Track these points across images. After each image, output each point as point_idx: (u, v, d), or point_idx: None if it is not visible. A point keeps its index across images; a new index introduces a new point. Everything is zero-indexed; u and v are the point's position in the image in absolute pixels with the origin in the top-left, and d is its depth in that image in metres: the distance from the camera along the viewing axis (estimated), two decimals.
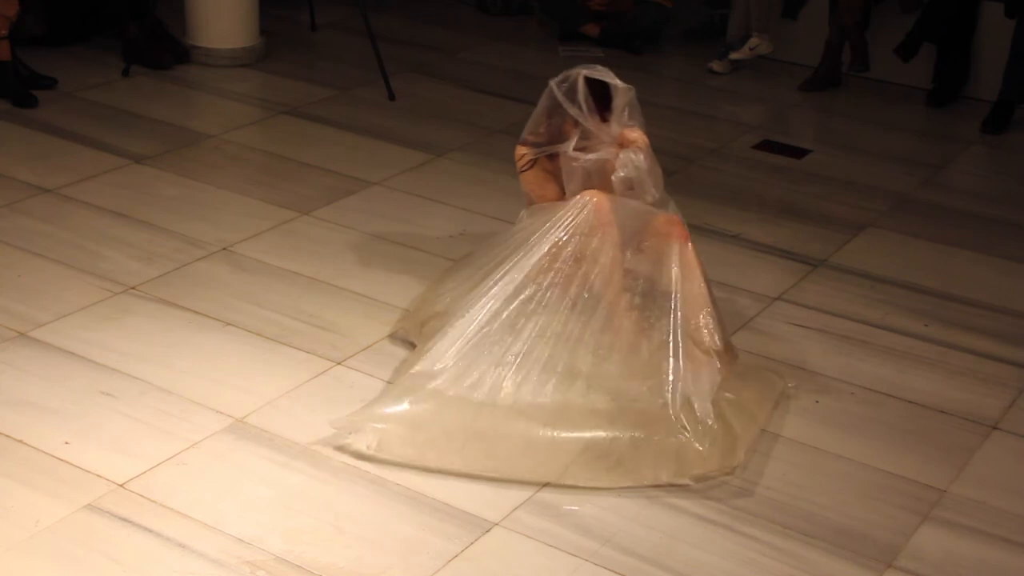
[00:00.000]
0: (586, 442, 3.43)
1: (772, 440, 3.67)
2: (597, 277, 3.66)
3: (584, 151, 3.72)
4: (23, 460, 3.39)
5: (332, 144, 5.61)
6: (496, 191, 5.14)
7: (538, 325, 3.60)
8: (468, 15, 7.61)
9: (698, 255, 3.76)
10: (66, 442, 3.47)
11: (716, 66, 6.80)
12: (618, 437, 3.44)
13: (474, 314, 3.65)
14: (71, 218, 4.75)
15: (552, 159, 3.81)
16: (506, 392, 3.49)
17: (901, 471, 3.58)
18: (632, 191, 3.71)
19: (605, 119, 3.69)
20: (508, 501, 3.35)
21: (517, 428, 3.45)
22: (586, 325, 3.62)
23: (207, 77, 6.33)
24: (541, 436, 3.44)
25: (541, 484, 3.41)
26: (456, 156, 5.57)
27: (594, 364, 3.58)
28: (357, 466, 3.44)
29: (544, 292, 3.66)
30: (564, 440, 3.44)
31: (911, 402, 3.92)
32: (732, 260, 4.72)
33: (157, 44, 6.35)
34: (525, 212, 3.93)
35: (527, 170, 3.88)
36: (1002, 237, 5.09)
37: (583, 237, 3.68)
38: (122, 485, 3.32)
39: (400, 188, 5.20)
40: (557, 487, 3.41)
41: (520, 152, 3.89)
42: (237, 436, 3.55)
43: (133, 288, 4.28)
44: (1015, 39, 6.07)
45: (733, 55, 6.77)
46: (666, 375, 3.53)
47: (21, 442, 3.46)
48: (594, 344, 3.60)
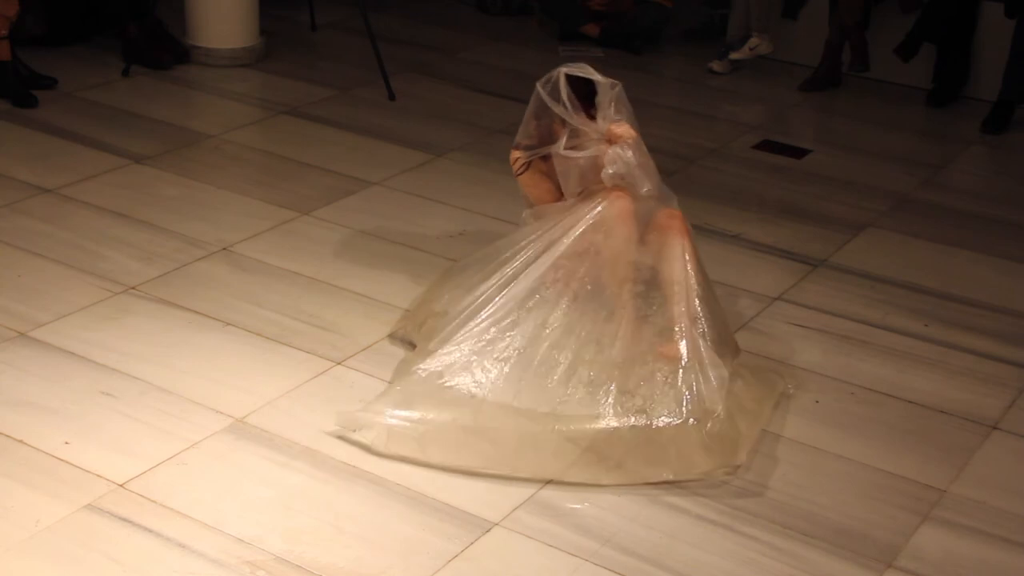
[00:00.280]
0: (590, 438, 3.44)
1: (772, 440, 3.67)
2: (600, 269, 3.67)
3: (575, 149, 3.73)
4: (23, 460, 3.39)
5: (332, 144, 5.61)
6: (496, 191, 5.14)
7: (540, 320, 3.61)
8: (468, 15, 7.61)
9: (695, 249, 3.76)
10: (66, 442, 3.47)
11: (716, 66, 6.80)
12: (619, 432, 3.44)
13: (479, 313, 3.66)
14: (71, 218, 4.75)
15: (546, 160, 3.82)
16: (509, 388, 3.50)
17: (901, 471, 3.58)
18: (623, 186, 3.73)
19: (591, 115, 3.71)
20: (508, 501, 3.35)
21: (520, 425, 3.45)
22: (588, 316, 3.62)
23: (207, 77, 6.33)
24: (544, 433, 3.44)
25: (542, 483, 3.41)
26: (456, 156, 5.57)
27: (596, 353, 3.59)
28: (357, 466, 3.44)
29: (549, 289, 3.67)
30: (567, 436, 3.44)
31: (911, 402, 3.92)
32: (732, 260, 4.72)
33: (157, 44, 6.35)
34: (528, 213, 3.94)
35: (522, 173, 3.90)
36: (1002, 237, 5.09)
37: (594, 235, 3.69)
38: (122, 485, 3.32)
39: (400, 188, 5.20)
40: (557, 487, 3.41)
41: (514, 156, 3.91)
42: (237, 436, 3.55)
43: (133, 288, 4.28)
44: (1015, 39, 6.07)
45: (733, 55, 6.77)
46: (669, 365, 3.54)
47: (21, 442, 3.46)
48: (597, 334, 3.60)
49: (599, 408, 3.49)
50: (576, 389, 3.53)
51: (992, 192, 5.61)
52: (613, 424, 3.45)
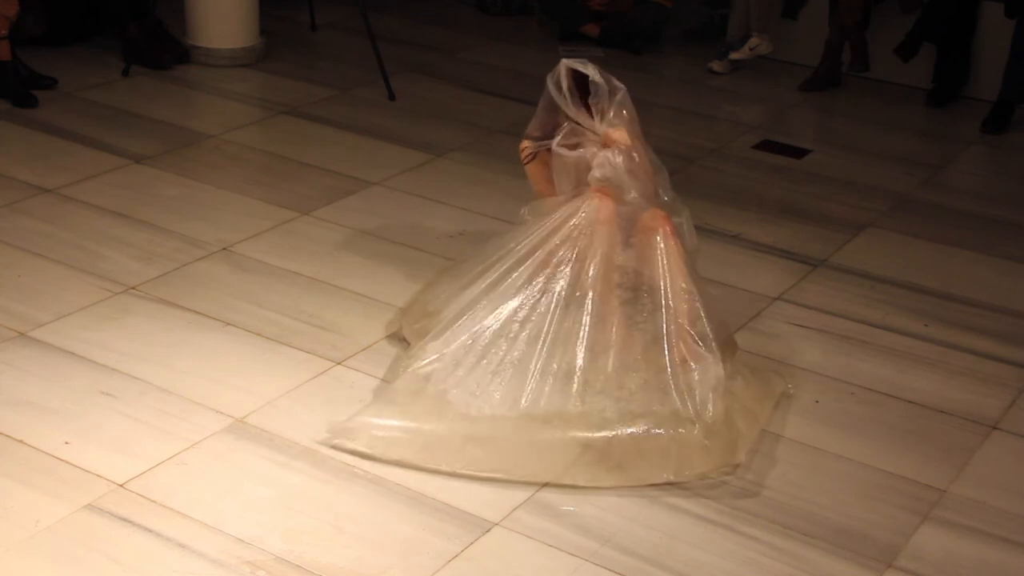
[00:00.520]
0: (586, 442, 3.44)
1: (772, 440, 3.67)
2: (588, 275, 3.67)
3: (574, 146, 3.74)
4: (23, 460, 3.39)
5: (332, 144, 5.61)
6: (496, 191, 5.14)
7: (532, 329, 3.61)
8: (468, 15, 7.61)
9: (681, 248, 3.75)
10: (66, 442, 3.47)
11: (716, 66, 6.80)
12: (618, 436, 3.44)
13: (468, 317, 3.66)
14: (71, 218, 4.75)
15: (549, 152, 3.84)
16: (504, 400, 3.50)
17: (901, 471, 3.58)
18: (608, 189, 3.73)
19: (588, 109, 3.71)
20: (508, 501, 3.35)
21: (516, 430, 3.45)
22: (579, 323, 3.62)
23: (207, 77, 6.33)
24: (541, 437, 3.44)
25: (541, 484, 3.41)
26: (456, 156, 5.57)
27: (589, 361, 3.58)
28: (357, 466, 3.44)
29: (537, 296, 3.66)
30: (564, 441, 3.44)
31: (911, 402, 3.92)
32: (732, 260, 4.72)
33: (157, 44, 6.35)
34: (527, 208, 3.94)
35: (528, 163, 3.92)
36: (1002, 237, 5.09)
37: (577, 238, 3.69)
38: (122, 485, 3.32)
39: (400, 188, 5.20)
40: (557, 487, 3.41)
41: (522, 146, 3.93)
42: (237, 436, 3.55)
43: (133, 288, 4.28)
44: (1015, 39, 6.07)
45: (733, 55, 6.77)
46: (662, 369, 3.54)
47: (21, 442, 3.46)
48: (589, 342, 3.60)
49: (595, 416, 3.48)
50: (572, 397, 3.52)
51: (992, 192, 5.61)
52: (609, 433, 3.44)
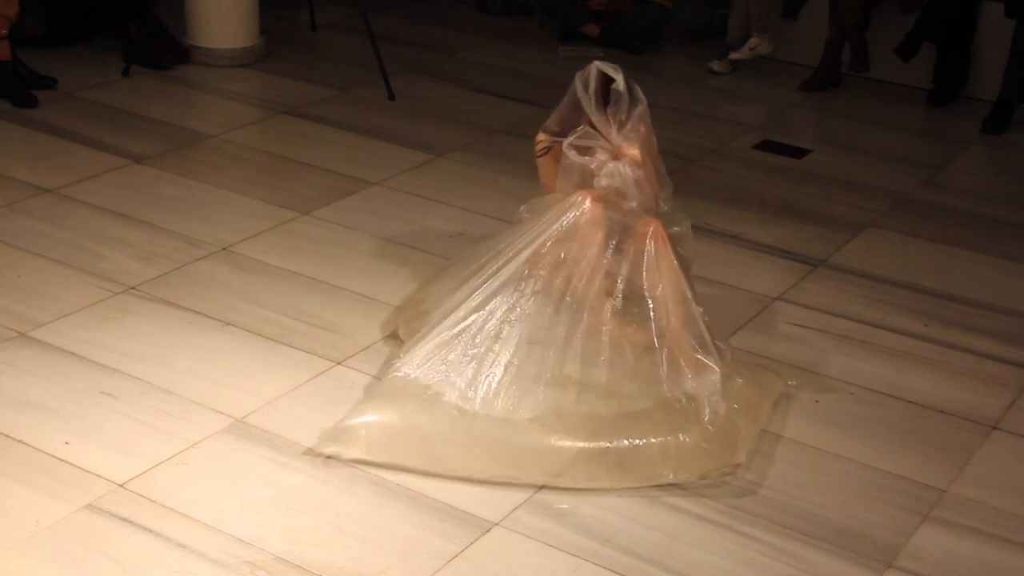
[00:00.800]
0: (584, 447, 3.43)
1: (772, 440, 3.67)
2: (578, 281, 3.66)
3: (584, 150, 3.73)
4: (23, 460, 3.39)
5: (332, 144, 5.61)
6: (496, 191, 5.14)
7: (523, 333, 3.59)
8: (468, 15, 7.61)
9: (671, 255, 3.74)
10: (66, 442, 3.47)
11: (716, 66, 6.80)
12: (615, 440, 3.43)
13: (457, 319, 3.65)
14: (71, 218, 4.75)
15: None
16: (498, 404, 3.49)
17: (901, 471, 3.58)
18: (611, 196, 3.72)
19: (608, 116, 3.70)
20: (508, 501, 3.35)
21: (512, 434, 3.44)
22: (570, 330, 3.61)
23: (207, 77, 6.33)
24: (537, 441, 3.43)
25: (539, 485, 3.41)
26: (456, 156, 5.57)
27: (582, 369, 3.57)
28: (357, 466, 3.43)
29: (527, 299, 3.66)
30: (561, 445, 3.43)
31: (911, 402, 3.92)
32: (732, 260, 4.72)
33: (157, 44, 6.35)
34: (525, 207, 3.93)
35: (542, 156, 3.91)
36: (1002, 237, 5.09)
37: (567, 241, 3.69)
38: (122, 485, 3.32)
39: (400, 188, 5.20)
40: (557, 487, 3.40)
41: (538, 138, 3.91)
42: (237, 436, 3.55)
43: (133, 288, 4.28)
44: (1015, 39, 6.07)
45: (733, 55, 6.77)
46: (656, 376, 3.54)
47: (21, 442, 3.46)
48: (581, 349, 3.59)
49: (593, 422, 3.47)
50: (566, 401, 3.50)
51: (992, 192, 5.61)
52: (607, 440, 3.44)
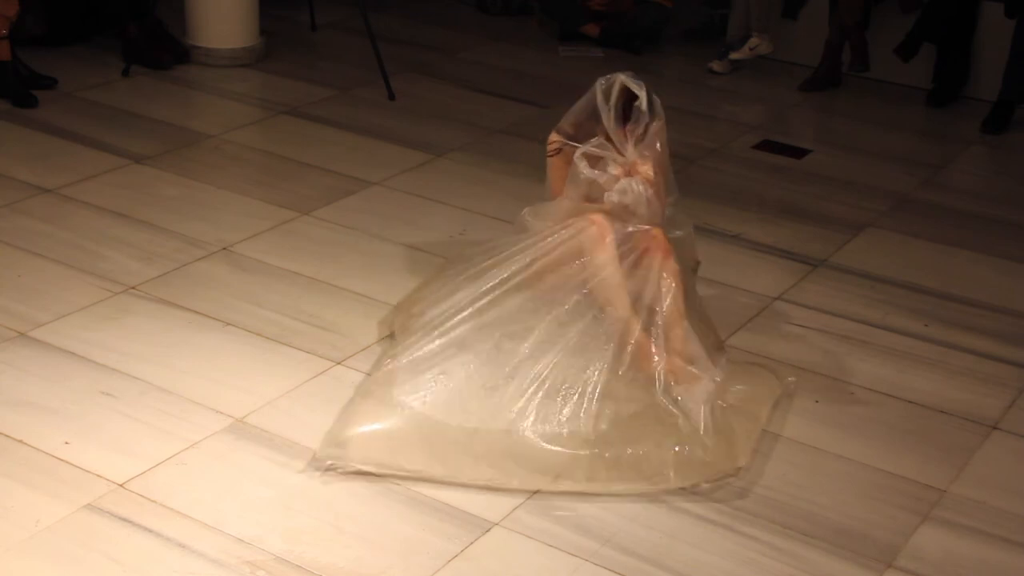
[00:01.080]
0: (582, 455, 3.42)
1: (772, 440, 3.67)
2: (581, 295, 3.65)
3: (596, 160, 3.70)
4: (23, 460, 3.39)
5: (332, 144, 5.61)
6: (496, 191, 5.15)
7: (523, 346, 3.58)
8: (468, 15, 7.61)
9: (676, 267, 3.74)
10: (66, 442, 3.47)
11: (716, 66, 6.80)
12: (613, 451, 3.43)
13: (456, 327, 3.65)
14: (71, 218, 4.75)
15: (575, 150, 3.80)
16: (500, 418, 3.47)
17: (901, 471, 3.58)
18: (618, 211, 3.70)
19: (626, 131, 3.68)
20: (508, 501, 3.35)
21: (512, 443, 3.43)
22: (569, 341, 3.59)
23: (207, 77, 6.33)
24: (536, 449, 3.42)
25: (532, 492, 3.41)
26: (456, 156, 5.56)
27: (582, 378, 3.55)
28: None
29: (528, 314, 3.64)
30: (560, 452, 3.42)
31: (911, 402, 3.92)
32: (732, 260, 4.72)
33: (157, 44, 6.35)
34: (528, 210, 3.92)
35: (553, 156, 3.89)
36: (1002, 237, 5.09)
37: (574, 259, 3.68)
38: (122, 485, 3.32)
39: (400, 188, 5.20)
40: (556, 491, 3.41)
41: (552, 138, 3.88)
42: (237, 436, 3.55)
43: (133, 288, 4.28)
44: (1015, 39, 6.07)
45: (733, 55, 6.78)
46: (653, 385, 3.54)
47: (21, 442, 3.46)
48: (583, 360, 3.57)
49: (592, 430, 3.47)
50: (568, 414, 3.49)
51: (992, 192, 5.61)
52: (607, 454, 3.43)
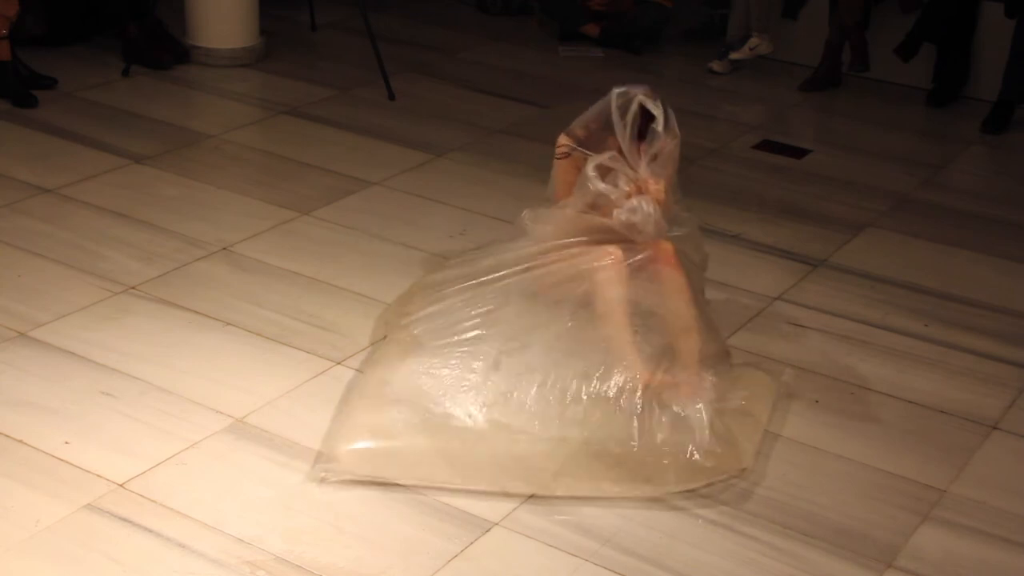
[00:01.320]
0: (583, 457, 3.43)
1: (772, 440, 3.67)
2: (583, 308, 3.65)
3: (607, 170, 3.66)
4: (23, 460, 3.39)
5: (332, 144, 5.61)
6: (496, 191, 5.15)
7: (522, 360, 3.58)
8: (468, 15, 7.62)
9: (686, 278, 3.73)
10: (66, 442, 3.47)
11: (716, 66, 6.80)
12: (618, 455, 3.43)
13: (457, 332, 3.65)
14: (71, 218, 4.75)
15: (584, 158, 3.73)
16: (500, 425, 3.46)
17: (901, 471, 3.58)
18: (627, 230, 3.69)
19: (640, 150, 3.64)
20: (508, 501, 3.35)
21: (512, 448, 3.43)
22: (575, 352, 3.58)
23: (207, 77, 6.34)
24: (540, 453, 3.42)
25: (527, 496, 3.40)
26: (456, 156, 5.56)
27: (582, 383, 3.55)
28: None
29: (527, 329, 3.64)
30: (560, 456, 3.42)
31: (911, 402, 3.92)
32: (732, 260, 4.72)
33: (157, 44, 6.35)
34: (528, 213, 3.88)
35: (560, 159, 3.84)
36: (1002, 237, 5.09)
37: (578, 283, 3.67)
38: (122, 485, 3.32)
39: (400, 188, 5.20)
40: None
41: (561, 140, 3.82)
42: (237, 436, 3.55)
43: (133, 288, 4.28)
44: (1015, 39, 6.07)
45: (733, 55, 6.78)
46: (661, 402, 3.53)
47: (21, 442, 3.46)
48: (583, 366, 3.56)
49: (594, 442, 3.46)
50: (569, 428, 3.48)
51: (992, 192, 5.61)
52: (608, 456, 3.42)
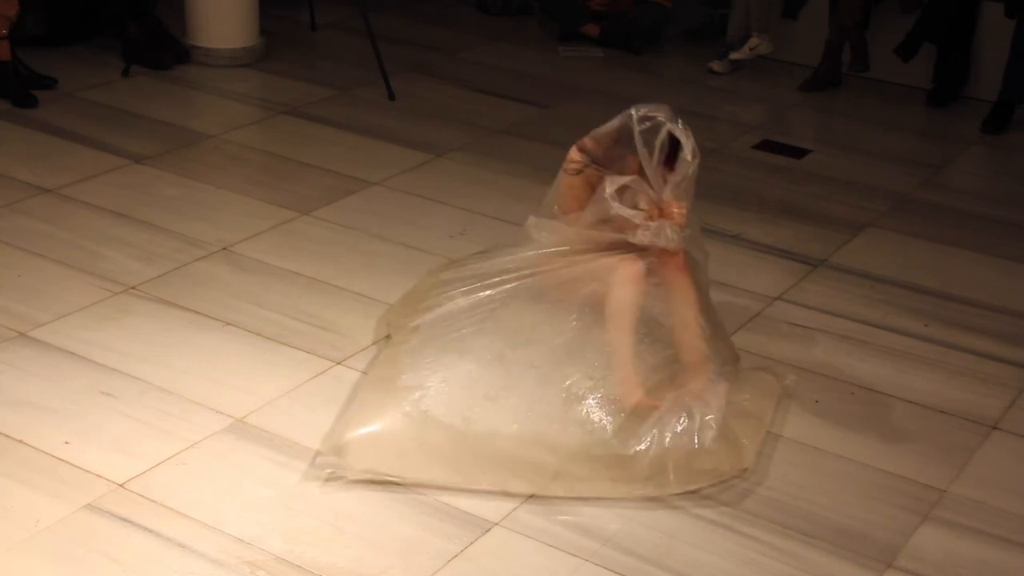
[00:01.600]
0: (583, 458, 3.43)
1: (772, 440, 3.67)
2: (589, 308, 3.64)
3: (624, 189, 3.59)
4: (23, 460, 3.39)
5: (332, 144, 5.61)
6: (496, 191, 5.15)
7: (526, 355, 3.57)
8: (468, 15, 7.61)
9: (696, 282, 3.71)
10: (66, 442, 3.47)
11: (716, 66, 6.80)
12: (618, 456, 3.43)
13: (462, 334, 3.65)
14: (71, 218, 4.75)
15: (598, 174, 3.65)
16: (501, 423, 3.46)
17: (901, 471, 3.58)
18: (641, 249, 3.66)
19: (666, 176, 3.57)
20: (508, 501, 3.35)
21: (513, 447, 3.42)
22: (577, 351, 3.58)
23: (207, 77, 6.34)
24: (540, 453, 3.42)
25: (527, 496, 3.40)
26: (456, 156, 5.57)
27: (583, 382, 3.55)
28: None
29: (532, 326, 3.63)
30: (561, 457, 3.42)
31: (911, 402, 3.92)
32: (732, 260, 4.72)
33: (157, 44, 6.35)
34: (534, 221, 3.80)
35: (571, 175, 3.72)
36: (1002, 237, 5.09)
37: (589, 281, 3.65)
38: (122, 485, 3.32)
39: (400, 188, 5.20)
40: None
41: (573, 155, 3.70)
42: (237, 436, 3.55)
43: (133, 288, 4.28)
44: (1015, 39, 6.08)
45: (733, 55, 6.78)
46: (668, 406, 3.53)
47: (21, 442, 3.46)
48: (586, 369, 3.56)
49: (596, 445, 3.45)
50: (570, 427, 3.47)
51: (992, 192, 5.61)
52: (608, 457, 3.42)
